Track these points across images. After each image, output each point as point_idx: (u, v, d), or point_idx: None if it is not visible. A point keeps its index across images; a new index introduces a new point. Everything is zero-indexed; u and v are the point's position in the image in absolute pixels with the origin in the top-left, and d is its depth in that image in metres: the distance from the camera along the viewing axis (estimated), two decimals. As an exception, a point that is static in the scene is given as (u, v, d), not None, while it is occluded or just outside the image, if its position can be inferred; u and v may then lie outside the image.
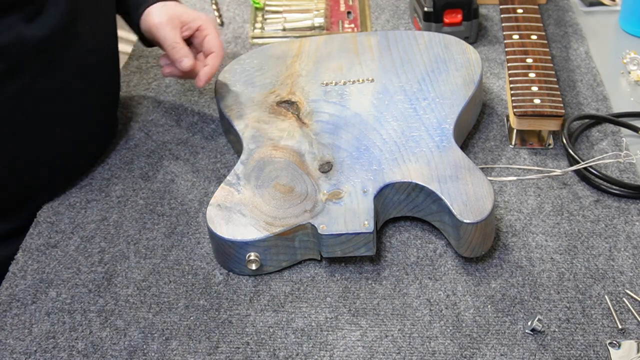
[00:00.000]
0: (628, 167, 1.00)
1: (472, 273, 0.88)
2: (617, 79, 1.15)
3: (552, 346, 0.80)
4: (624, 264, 0.88)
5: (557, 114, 1.00)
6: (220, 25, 1.33)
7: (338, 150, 0.95)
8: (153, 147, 1.08)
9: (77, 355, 0.82)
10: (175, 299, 0.87)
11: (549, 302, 0.84)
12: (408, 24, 1.31)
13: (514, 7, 1.17)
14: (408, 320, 0.83)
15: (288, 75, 1.07)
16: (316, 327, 0.83)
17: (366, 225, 0.85)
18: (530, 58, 1.07)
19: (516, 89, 1.03)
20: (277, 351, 0.81)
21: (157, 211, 0.98)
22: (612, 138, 1.04)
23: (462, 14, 1.20)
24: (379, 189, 0.89)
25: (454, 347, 0.80)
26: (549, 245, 0.90)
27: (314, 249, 0.89)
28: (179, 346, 0.82)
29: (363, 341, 0.81)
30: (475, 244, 0.86)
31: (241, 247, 0.86)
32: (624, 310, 0.83)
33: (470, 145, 1.04)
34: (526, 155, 1.02)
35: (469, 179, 0.88)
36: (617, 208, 0.94)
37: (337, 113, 1.00)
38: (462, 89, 1.01)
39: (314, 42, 1.12)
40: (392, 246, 0.91)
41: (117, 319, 0.85)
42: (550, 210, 0.95)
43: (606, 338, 0.80)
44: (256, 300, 0.86)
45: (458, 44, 1.09)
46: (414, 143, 0.94)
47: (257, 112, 1.01)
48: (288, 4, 1.35)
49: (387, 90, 1.02)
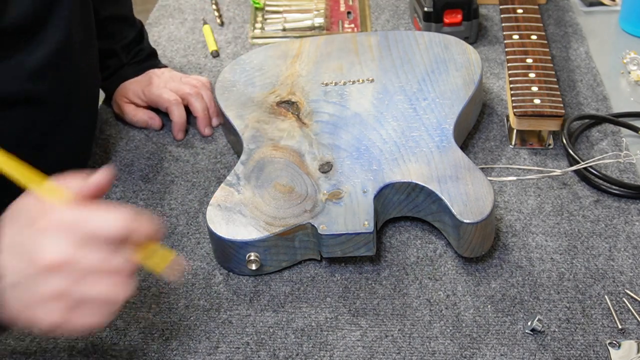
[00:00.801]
0: (628, 167, 1.00)
1: (472, 273, 0.88)
2: (617, 79, 1.15)
3: (552, 346, 0.80)
4: (624, 264, 0.88)
5: (557, 114, 1.00)
6: (220, 25, 1.33)
7: (338, 150, 0.95)
8: (153, 148, 1.08)
9: (77, 355, 0.82)
10: (175, 299, 0.87)
11: (549, 302, 0.84)
12: (408, 24, 1.31)
13: (514, 7, 1.17)
14: (408, 320, 0.83)
15: (288, 75, 1.07)
16: (316, 327, 0.83)
17: (366, 225, 0.85)
18: (530, 58, 1.07)
19: (516, 89, 1.03)
20: (277, 351, 0.81)
21: (157, 212, 0.98)
22: (612, 138, 1.04)
23: (462, 14, 1.20)
24: (379, 189, 0.89)
25: (454, 347, 0.80)
26: (549, 245, 0.90)
27: (314, 249, 0.89)
28: (179, 346, 0.82)
29: (363, 341, 0.81)
30: (475, 244, 0.86)
31: (241, 247, 0.86)
32: (624, 310, 0.83)
33: (470, 145, 1.04)
34: (526, 155, 1.02)
35: (469, 179, 0.88)
36: (617, 208, 0.94)
37: (337, 113, 1.00)
38: (462, 89, 1.01)
39: (314, 42, 1.13)
40: (392, 246, 0.91)
41: (117, 319, 0.85)
42: (550, 210, 0.95)
43: (606, 338, 0.80)
44: (256, 300, 0.86)
45: (458, 44, 1.09)
46: (414, 143, 0.94)
47: (257, 112, 1.01)
48: (288, 4, 1.35)
49: (387, 90, 1.02)
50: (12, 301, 0.62)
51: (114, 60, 1.11)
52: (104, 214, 0.62)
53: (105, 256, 0.61)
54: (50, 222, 0.62)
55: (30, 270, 0.61)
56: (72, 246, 0.61)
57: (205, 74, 1.21)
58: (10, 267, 0.62)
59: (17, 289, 0.62)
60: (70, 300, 0.61)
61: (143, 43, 1.15)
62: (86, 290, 0.61)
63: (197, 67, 1.23)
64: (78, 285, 0.61)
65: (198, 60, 1.25)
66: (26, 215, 0.63)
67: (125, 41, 1.12)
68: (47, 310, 0.62)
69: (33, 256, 0.61)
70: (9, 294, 0.62)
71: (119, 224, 0.61)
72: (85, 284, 0.61)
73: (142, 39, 1.14)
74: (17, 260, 0.62)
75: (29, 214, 0.63)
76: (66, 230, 0.61)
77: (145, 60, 1.14)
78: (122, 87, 1.12)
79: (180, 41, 1.29)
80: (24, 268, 0.61)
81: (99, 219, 0.62)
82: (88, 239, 0.61)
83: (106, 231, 0.61)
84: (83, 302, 0.62)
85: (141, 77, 1.12)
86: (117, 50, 1.11)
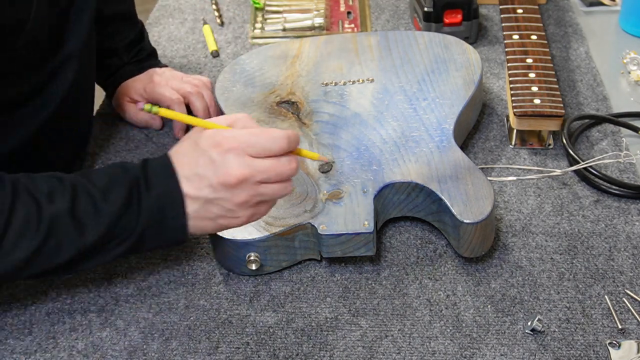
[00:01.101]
0: (628, 167, 1.00)
1: (472, 273, 0.88)
2: (617, 79, 1.15)
3: (552, 346, 0.80)
4: (624, 264, 0.88)
5: (557, 114, 1.00)
6: (220, 25, 1.33)
7: (338, 150, 0.95)
8: (153, 149, 1.08)
9: (77, 355, 0.82)
10: (175, 299, 0.87)
11: (549, 302, 0.84)
12: (408, 24, 1.31)
13: (514, 7, 1.17)
14: (408, 320, 0.83)
15: (288, 75, 1.07)
16: (316, 327, 0.83)
17: (366, 225, 0.85)
18: (530, 58, 1.07)
19: (516, 89, 1.03)
20: (277, 351, 0.81)
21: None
22: (612, 138, 1.04)
23: (462, 14, 1.20)
24: (379, 189, 0.89)
25: (454, 347, 0.80)
26: (549, 245, 0.90)
27: (314, 249, 0.89)
28: (179, 346, 0.82)
29: (363, 341, 0.81)
30: (475, 244, 0.86)
31: (241, 247, 0.86)
32: (624, 310, 0.83)
33: (470, 145, 1.04)
34: (526, 155, 1.02)
35: (469, 179, 0.88)
36: (617, 208, 0.94)
37: (337, 113, 1.00)
38: (462, 89, 1.01)
39: (314, 42, 1.13)
40: (392, 246, 0.91)
41: (117, 319, 0.85)
42: (550, 210, 0.95)
43: (606, 338, 0.80)
44: (256, 300, 0.86)
45: (458, 44, 1.09)
46: (414, 143, 0.94)
47: (257, 112, 1.01)
48: (288, 4, 1.35)
49: (387, 90, 1.02)
50: (196, 222, 0.78)
51: (114, 60, 1.11)
52: (270, 132, 0.76)
53: (274, 164, 0.76)
54: (229, 144, 0.75)
55: (220, 188, 0.76)
56: (250, 162, 0.75)
57: (205, 74, 1.21)
58: (193, 192, 0.77)
59: (203, 209, 0.77)
60: (252, 203, 0.77)
61: (144, 42, 1.15)
62: (263, 193, 0.77)
63: (197, 67, 1.23)
64: (257, 191, 0.77)
65: (198, 60, 1.25)
66: (197, 148, 0.76)
67: (127, 40, 1.12)
68: (239, 215, 0.78)
69: (222, 175, 0.75)
70: (193, 217, 0.78)
71: (283, 140, 0.75)
72: (262, 188, 0.77)
73: (142, 38, 1.15)
74: (203, 184, 0.76)
75: (201, 145, 0.76)
76: (244, 150, 0.75)
77: (146, 60, 1.14)
78: (123, 86, 1.12)
79: (180, 41, 1.29)
80: (212, 188, 0.76)
81: (267, 136, 0.75)
82: (261, 154, 0.75)
83: (275, 147, 0.75)
84: (261, 203, 0.78)
85: (143, 75, 1.12)
86: (119, 50, 1.11)
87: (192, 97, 1.09)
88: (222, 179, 0.75)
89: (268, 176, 0.76)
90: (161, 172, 0.78)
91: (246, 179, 0.75)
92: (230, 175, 0.75)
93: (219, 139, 0.76)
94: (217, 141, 0.76)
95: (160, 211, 0.77)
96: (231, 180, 0.75)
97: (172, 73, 1.13)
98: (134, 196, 0.77)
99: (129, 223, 0.77)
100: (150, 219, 0.77)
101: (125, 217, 0.77)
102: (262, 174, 0.76)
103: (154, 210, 0.77)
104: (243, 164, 0.75)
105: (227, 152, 0.75)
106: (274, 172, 0.76)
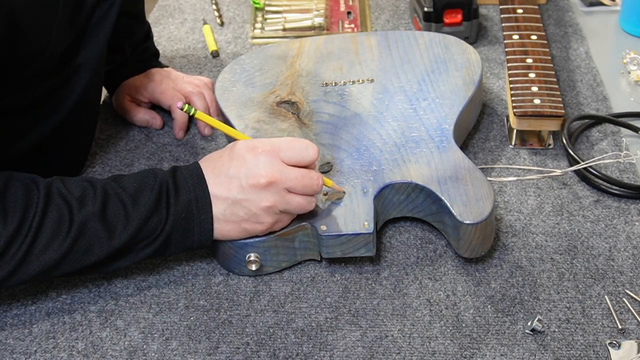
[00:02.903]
0: (628, 167, 1.00)
1: (472, 273, 0.88)
2: (617, 79, 1.15)
3: (552, 346, 0.80)
4: (624, 264, 0.88)
5: (557, 114, 1.00)
6: (220, 25, 1.33)
7: (338, 150, 0.95)
8: (153, 149, 1.08)
9: (77, 355, 0.82)
10: (175, 299, 0.87)
11: (549, 302, 0.84)
12: (408, 24, 1.31)
13: (514, 7, 1.17)
14: (408, 321, 0.83)
15: (288, 75, 1.07)
16: (316, 327, 0.83)
17: (366, 225, 0.85)
18: (530, 58, 1.07)
19: (516, 89, 1.03)
20: (277, 351, 0.81)
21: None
22: (612, 138, 1.04)
23: (462, 14, 1.21)
24: (378, 190, 0.89)
25: (454, 347, 0.80)
26: (548, 246, 0.90)
27: (314, 249, 0.89)
28: (179, 346, 0.82)
29: (363, 341, 0.81)
30: (475, 245, 0.86)
31: (241, 247, 0.86)
32: (624, 310, 0.83)
33: (470, 146, 1.04)
34: (526, 156, 1.02)
35: (468, 180, 0.88)
36: (617, 208, 0.94)
37: (337, 113, 1.00)
38: (462, 89, 1.01)
39: (314, 42, 1.13)
40: (392, 246, 0.91)
41: (117, 319, 0.85)
42: (550, 210, 0.95)
43: (606, 338, 0.80)
44: (256, 301, 0.86)
45: (458, 44, 1.09)
46: (413, 143, 0.94)
47: (257, 113, 1.01)
48: (288, 4, 1.35)
49: (387, 90, 1.02)
50: (221, 225, 0.82)
51: (119, 56, 1.11)
52: (303, 141, 0.82)
53: (303, 175, 0.80)
54: (263, 147, 0.80)
55: (249, 189, 0.79)
56: (282, 167, 0.79)
57: (205, 74, 1.21)
58: (222, 193, 0.81)
59: (229, 210, 0.81)
60: (277, 211, 0.81)
61: (149, 42, 1.15)
62: (289, 202, 0.81)
63: (197, 67, 1.23)
64: (284, 198, 0.80)
65: (198, 60, 1.25)
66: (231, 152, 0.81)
67: (133, 38, 1.12)
68: (263, 220, 0.81)
69: (253, 176, 0.79)
70: (218, 219, 0.81)
71: (314, 150, 0.81)
72: (288, 197, 0.80)
73: (148, 38, 1.15)
74: (233, 185, 0.80)
75: (236, 150, 0.81)
76: (277, 153, 0.79)
77: (148, 60, 1.15)
78: (124, 85, 1.12)
79: (180, 41, 1.30)
80: (241, 189, 0.80)
81: (300, 144, 0.80)
82: (292, 159, 0.80)
83: (306, 154, 0.80)
84: (284, 213, 0.82)
85: (144, 75, 1.12)
86: (124, 46, 1.11)
87: (193, 97, 1.09)
88: (253, 180, 0.79)
89: (295, 185, 0.80)
90: (190, 179, 0.82)
91: (275, 182, 0.79)
92: (262, 177, 0.79)
93: (255, 143, 0.81)
94: (253, 145, 0.81)
95: (187, 217, 0.81)
96: (261, 181, 0.79)
97: (174, 73, 1.13)
98: (163, 201, 0.80)
99: (157, 227, 0.80)
100: (177, 224, 0.81)
101: (153, 221, 0.80)
102: (291, 182, 0.80)
103: (182, 216, 0.80)
104: (275, 167, 0.79)
105: (261, 155, 0.80)
106: (301, 183, 0.80)
